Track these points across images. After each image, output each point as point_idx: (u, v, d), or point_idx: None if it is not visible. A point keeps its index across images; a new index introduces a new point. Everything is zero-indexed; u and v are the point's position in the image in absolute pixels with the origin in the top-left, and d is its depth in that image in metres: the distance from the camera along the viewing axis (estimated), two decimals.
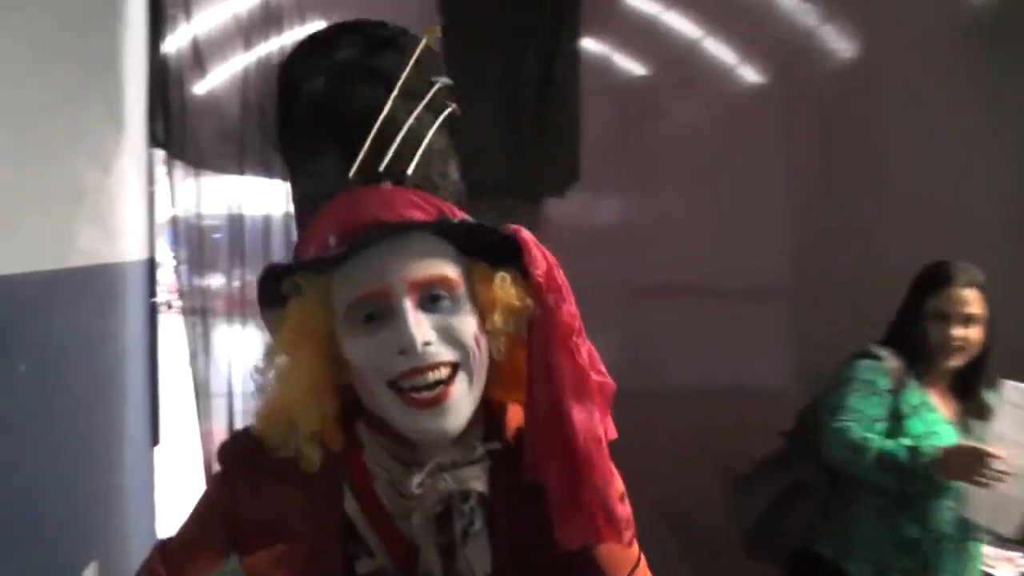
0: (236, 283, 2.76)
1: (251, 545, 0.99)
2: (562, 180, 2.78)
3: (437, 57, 1.05)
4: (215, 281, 2.81)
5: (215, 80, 2.82)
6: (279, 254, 2.78)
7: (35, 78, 1.85)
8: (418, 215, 0.93)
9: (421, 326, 0.91)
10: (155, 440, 2.86)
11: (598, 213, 2.96)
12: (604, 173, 2.84)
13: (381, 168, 0.95)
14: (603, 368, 0.98)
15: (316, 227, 0.96)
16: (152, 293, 2.82)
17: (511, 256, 0.97)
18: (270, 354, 0.98)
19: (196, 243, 2.75)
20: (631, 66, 2.97)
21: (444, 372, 0.92)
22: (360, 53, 1.01)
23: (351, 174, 0.95)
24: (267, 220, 2.74)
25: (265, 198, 2.74)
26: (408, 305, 0.91)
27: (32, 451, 1.81)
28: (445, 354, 0.92)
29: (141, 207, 2.74)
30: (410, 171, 0.96)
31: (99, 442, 2.32)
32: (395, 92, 0.98)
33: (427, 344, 0.90)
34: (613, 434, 0.97)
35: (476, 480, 0.97)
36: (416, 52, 1.02)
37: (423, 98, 1.01)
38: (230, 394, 2.72)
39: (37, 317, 1.85)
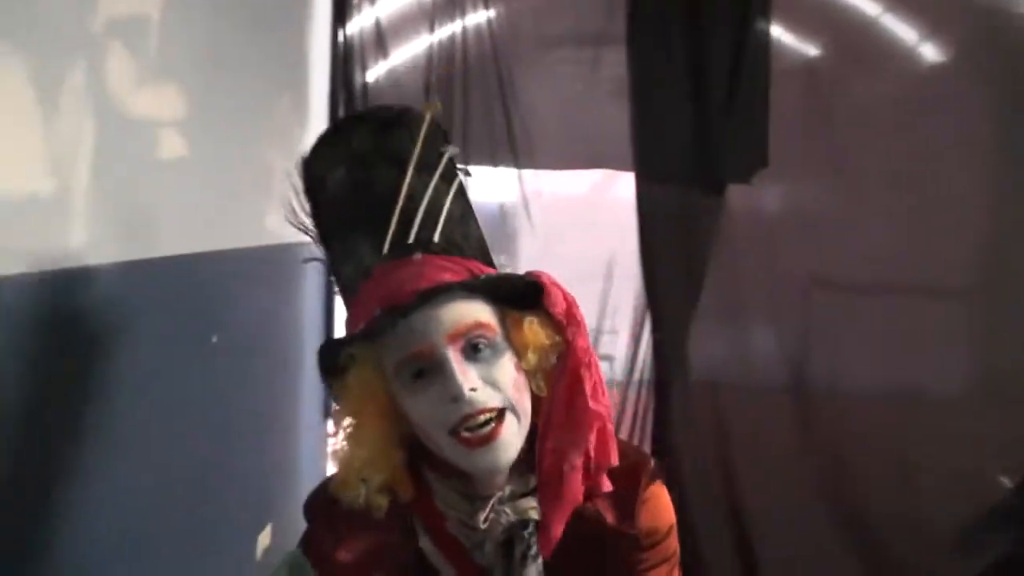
0: None
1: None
2: (749, 166, 2.66)
3: (440, 129, 1.13)
4: None
5: (397, 62, 2.87)
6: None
7: (231, 71, 1.97)
8: (447, 276, 1.03)
9: (467, 374, 1.01)
10: (327, 413, 2.99)
11: (783, 201, 2.82)
12: (792, 159, 2.70)
13: (410, 241, 1.05)
14: (606, 398, 1.08)
15: (362, 302, 1.06)
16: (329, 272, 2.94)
17: (537, 299, 1.05)
18: (338, 420, 1.09)
19: None
20: (820, 49, 2.82)
21: (492, 413, 1.02)
22: (373, 138, 1.11)
23: (384, 251, 1.05)
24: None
25: None
26: (452, 356, 1.01)
27: (218, 418, 1.93)
28: (491, 401, 1.02)
29: None
30: (436, 238, 1.06)
31: (278, 412, 2.45)
32: (410, 169, 1.08)
33: (473, 390, 1.00)
34: (613, 462, 1.08)
35: (532, 510, 1.08)
36: (423, 128, 1.10)
37: (436, 169, 1.09)
38: None
39: (229, 292, 1.97)
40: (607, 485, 1.08)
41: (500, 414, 1.02)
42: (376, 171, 1.09)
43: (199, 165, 1.79)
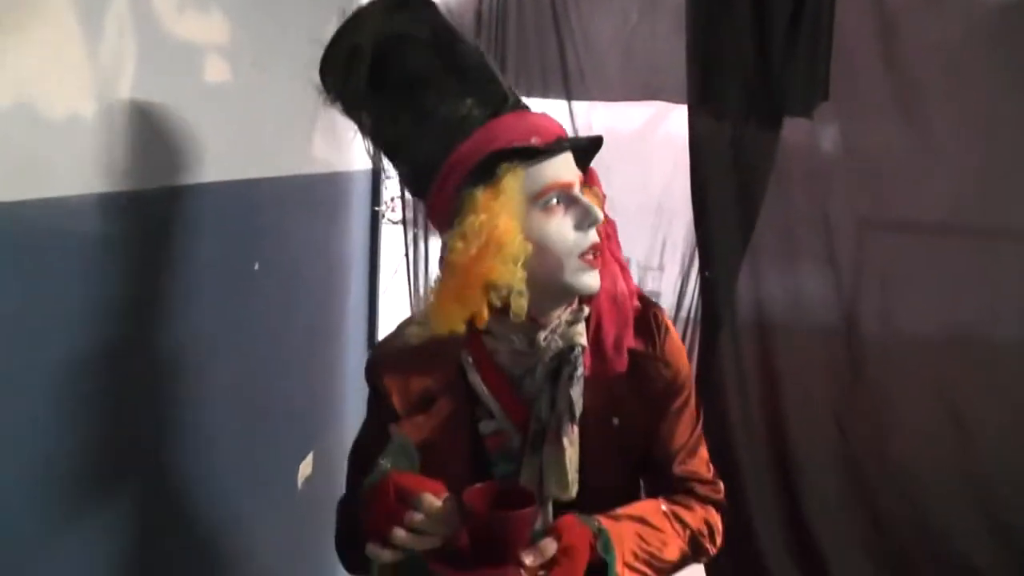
0: None
1: (402, 419, 1.28)
2: (809, 100, 2.56)
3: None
4: None
5: None
6: None
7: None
8: (565, 133, 1.22)
9: (592, 205, 1.20)
10: (371, 343, 3.01)
11: (843, 138, 2.71)
12: (854, 95, 2.59)
13: (510, 98, 1.21)
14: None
15: (505, 133, 1.17)
16: (376, 202, 2.93)
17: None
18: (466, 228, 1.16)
19: None
20: None
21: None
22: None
23: (509, 100, 1.20)
24: None
25: None
26: (582, 195, 1.21)
27: (262, 346, 1.94)
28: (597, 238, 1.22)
29: None
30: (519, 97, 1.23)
31: (323, 341, 2.47)
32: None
33: (598, 219, 1.20)
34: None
35: (580, 336, 1.24)
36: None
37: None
38: None
39: (273, 219, 1.96)
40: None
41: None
42: (459, 38, 1.22)
43: (244, 90, 1.77)
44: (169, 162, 1.50)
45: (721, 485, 1.37)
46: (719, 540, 1.34)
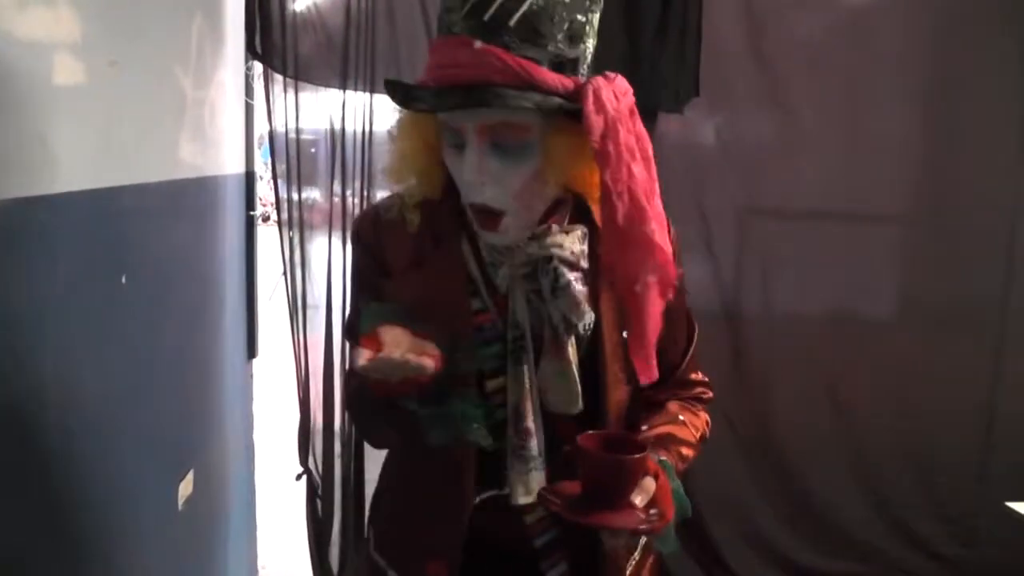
0: (335, 197, 2.73)
1: (395, 275, 1.28)
2: (680, 96, 2.62)
3: None
4: (312, 194, 2.79)
5: None
6: (381, 167, 2.76)
7: None
8: (497, 78, 1.07)
9: (482, 166, 1.12)
10: (252, 352, 2.91)
11: (715, 131, 2.80)
12: (723, 89, 2.68)
13: (486, 18, 1.07)
14: (646, 224, 1.14)
15: (429, 64, 1.15)
16: (250, 206, 2.83)
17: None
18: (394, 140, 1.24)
19: (293, 157, 2.72)
20: None
21: (493, 213, 1.15)
22: None
23: (462, 14, 1.09)
24: (367, 135, 2.69)
25: (366, 113, 2.67)
26: (475, 145, 1.12)
27: (132, 362, 1.83)
28: (493, 202, 1.14)
29: (239, 120, 2.73)
30: (512, 23, 1.07)
31: (198, 354, 2.36)
32: None
33: (482, 184, 1.13)
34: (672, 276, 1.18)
35: (558, 248, 1.19)
36: None
37: None
38: (328, 306, 2.72)
39: (139, 229, 1.85)
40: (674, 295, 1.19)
41: (500, 214, 1.15)
42: None
43: (101, 93, 1.66)
44: (18, 172, 1.38)
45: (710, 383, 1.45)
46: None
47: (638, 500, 1.09)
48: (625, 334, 1.20)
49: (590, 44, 1.17)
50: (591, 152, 1.10)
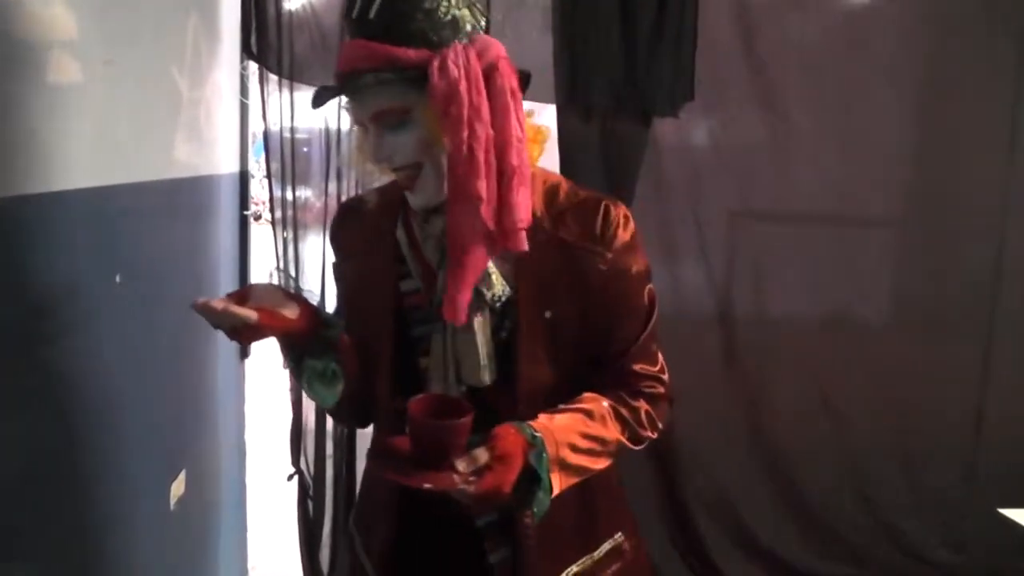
0: (329, 197, 2.72)
1: (337, 264, 1.47)
2: (676, 99, 2.63)
3: None
4: (305, 194, 2.79)
5: None
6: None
7: None
8: (364, 65, 1.19)
9: (379, 144, 1.25)
10: (245, 352, 2.90)
11: (710, 134, 2.80)
12: (719, 93, 2.69)
13: (353, 15, 1.21)
14: (483, 179, 1.20)
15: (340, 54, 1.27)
16: (244, 206, 2.82)
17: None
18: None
19: (287, 156, 2.72)
20: None
21: (409, 169, 1.26)
22: None
23: (342, 17, 1.35)
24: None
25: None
26: (372, 131, 1.25)
27: (126, 361, 1.83)
28: (405, 159, 1.25)
29: (234, 120, 2.72)
30: (371, 15, 1.19)
31: (191, 354, 2.35)
32: None
33: (387, 157, 1.25)
34: (521, 222, 1.23)
35: None
36: None
37: None
38: (321, 306, 2.71)
39: (134, 228, 1.85)
40: (522, 244, 1.22)
41: (417, 167, 1.25)
42: None
43: (96, 91, 1.65)
44: (11, 171, 1.38)
45: (666, 378, 1.39)
46: (662, 426, 1.38)
47: (461, 466, 1.12)
48: (548, 314, 1.28)
49: (463, 14, 1.23)
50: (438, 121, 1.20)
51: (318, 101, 1.27)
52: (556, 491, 1.20)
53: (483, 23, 1.26)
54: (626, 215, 1.33)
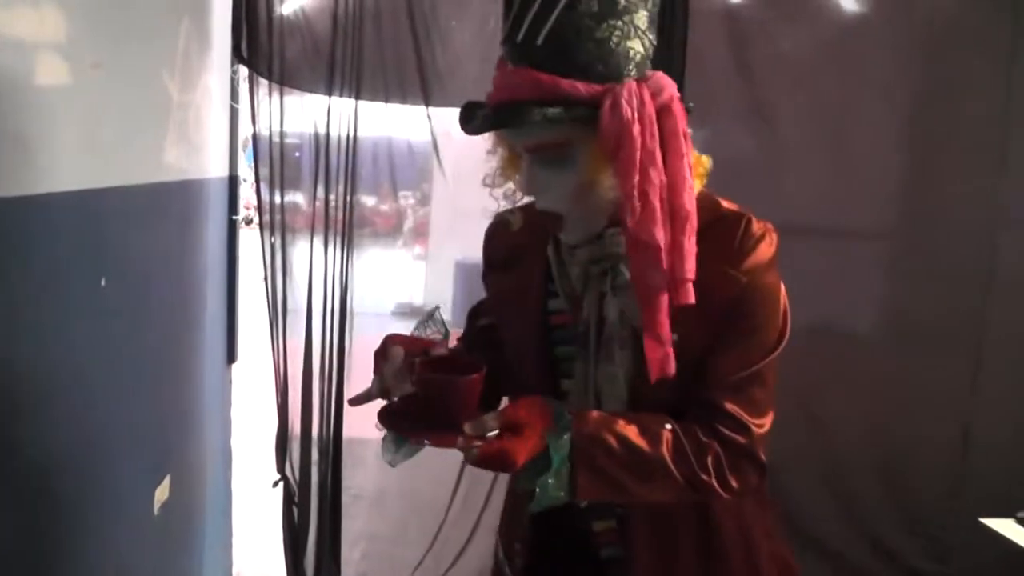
0: (318, 202, 2.72)
1: (485, 273, 1.46)
2: None
3: None
4: (295, 199, 2.78)
5: None
6: (365, 173, 2.77)
7: None
8: (526, 96, 1.12)
9: (530, 179, 1.21)
10: (232, 357, 2.89)
11: (700, 146, 2.81)
12: (709, 105, 2.69)
13: (518, 40, 1.13)
14: (656, 228, 1.14)
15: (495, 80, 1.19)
16: (233, 211, 2.81)
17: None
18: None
19: (277, 161, 2.71)
20: None
21: (554, 216, 1.21)
22: None
23: (502, 40, 1.17)
24: (352, 140, 2.68)
25: (351, 118, 2.67)
26: (526, 161, 1.20)
27: (111, 365, 1.82)
28: (551, 205, 1.21)
29: (224, 124, 2.71)
30: (539, 41, 1.11)
31: (177, 358, 2.34)
32: None
33: (536, 193, 1.22)
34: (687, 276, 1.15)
35: (619, 247, 1.21)
36: None
37: None
38: (308, 312, 2.70)
39: (120, 231, 1.84)
40: (689, 296, 1.14)
41: (559, 216, 1.21)
42: None
43: (84, 93, 1.65)
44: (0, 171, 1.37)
45: (755, 433, 1.25)
46: (734, 484, 1.22)
47: (467, 428, 1.08)
48: (675, 337, 1.16)
49: (634, 45, 1.15)
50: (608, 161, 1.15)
51: (473, 128, 1.17)
52: (580, 492, 1.13)
53: (651, 52, 1.19)
54: (767, 232, 1.27)
